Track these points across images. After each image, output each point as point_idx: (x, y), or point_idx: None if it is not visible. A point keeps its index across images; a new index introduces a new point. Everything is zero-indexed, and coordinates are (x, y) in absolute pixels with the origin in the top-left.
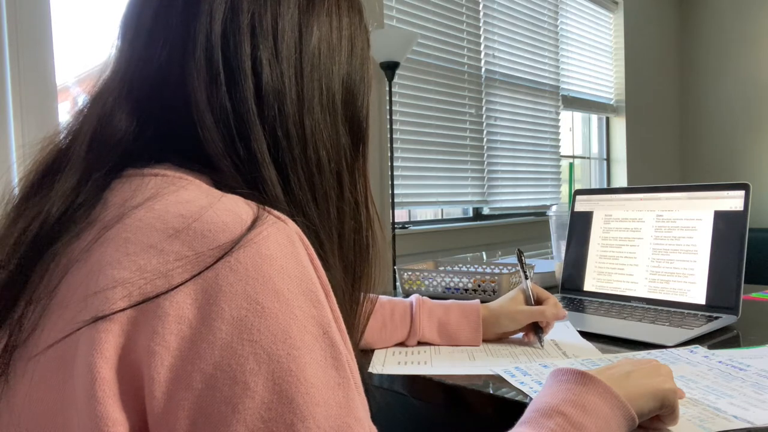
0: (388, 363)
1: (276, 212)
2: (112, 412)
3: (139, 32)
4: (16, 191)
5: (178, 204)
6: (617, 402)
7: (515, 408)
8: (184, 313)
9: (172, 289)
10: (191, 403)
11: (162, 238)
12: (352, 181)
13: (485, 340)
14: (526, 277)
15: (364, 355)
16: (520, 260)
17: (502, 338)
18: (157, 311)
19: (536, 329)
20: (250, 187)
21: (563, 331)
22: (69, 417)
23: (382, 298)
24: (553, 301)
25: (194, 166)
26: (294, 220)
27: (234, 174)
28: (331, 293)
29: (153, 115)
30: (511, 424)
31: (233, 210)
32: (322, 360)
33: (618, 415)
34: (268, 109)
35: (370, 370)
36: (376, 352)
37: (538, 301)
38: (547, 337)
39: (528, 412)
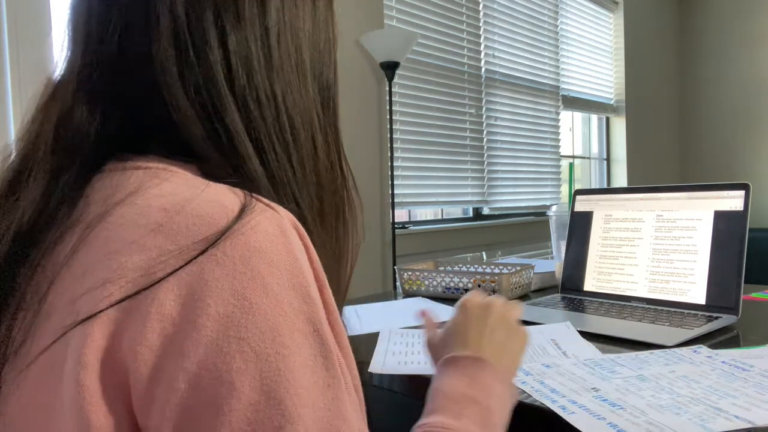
0: (388, 363)
1: (265, 200)
2: (95, 420)
3: (89, 20)
4: None
5: (161, 197)
6: (508, 382)
7: (515, 408)
8: (167, 310)
9: (152, 285)
10: (174, 405)
11: (144, 233)
12: (326, 140)
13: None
14: None
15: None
16: None
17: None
18: (140, 309)
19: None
20: (230, 164)
21: (563, 332)
22: (59, 425)
23: None
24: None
25: (178, 156)
26: (277, 195)
27: (213, 153)
28: (326, 284)
29: (118, 103)
30: (512, 424)
31: (218, 200)
32: (312, 359)
33: (507, 392)
34: (237, 79)
35: (370, 370)
36: (376, 351)
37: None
38: (548, 337)
39: (437, 400)
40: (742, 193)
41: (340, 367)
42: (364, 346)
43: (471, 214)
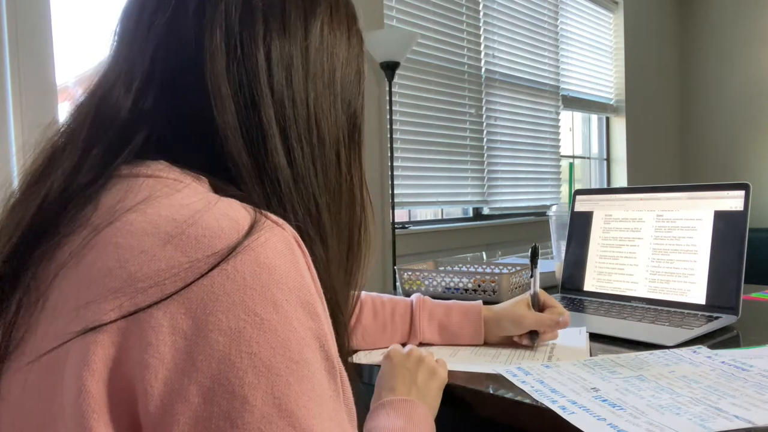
0: (372, 355)
1: (273, 217)
2: (96, 428)
3: (142, 12)
4: (16, 186)
5: (171, 207)
6: (433, 415)
7: (515, 408)
8: (179, 324)
9: (166, 299)
10: (188, 417)
11: (154, 243)
12: (348, 159)
13: (486, 343)
14: (533, 277)
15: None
16: (533, 261)
17: (503, 341)
18: (151, 321)
19: (532, 332)
20: (254, 158)
21: (575, 337)
22: (58, 428)
23: (383, 296)
24: (560, 309)
25: (191, 164)
26: (299, 194)
27: (240, 143)
28: (324, 298)
29: (158, 89)
30: (513, 425)
31: (229, 214)
32: (319, 373)
33: (432, 424)
34: (277, 81)
35: (369, 362)
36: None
37: (543, 308)
38: (551, 342)
39: None
40: (742, 193)
41: (340, 378)
42: None
43: (471, 214)
